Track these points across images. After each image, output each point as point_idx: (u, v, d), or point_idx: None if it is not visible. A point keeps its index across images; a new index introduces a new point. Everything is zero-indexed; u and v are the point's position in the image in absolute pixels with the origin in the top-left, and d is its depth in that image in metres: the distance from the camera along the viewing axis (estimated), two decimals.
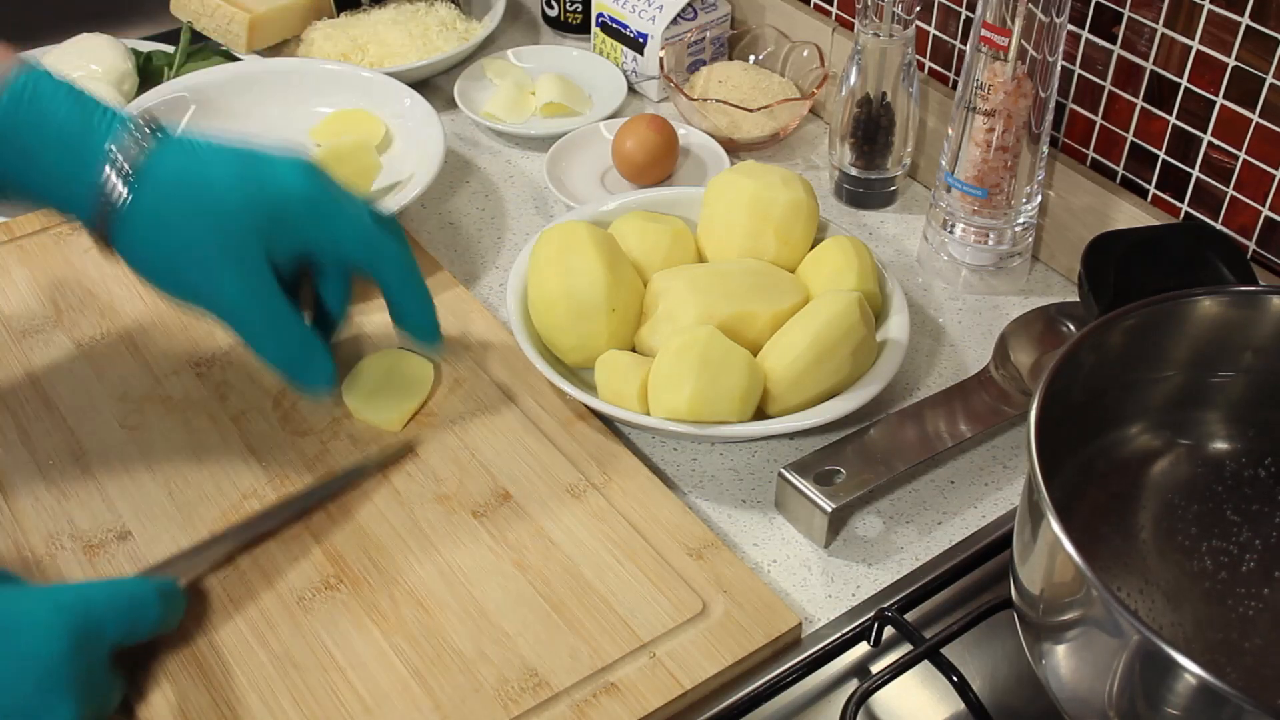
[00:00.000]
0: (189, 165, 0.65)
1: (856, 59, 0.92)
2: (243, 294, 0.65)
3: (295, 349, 0.68)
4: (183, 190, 0.64)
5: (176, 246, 0.64)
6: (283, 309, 0.67)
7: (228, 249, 0.64)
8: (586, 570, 0.68)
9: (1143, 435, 0.66)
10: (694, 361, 0.71)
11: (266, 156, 0.67)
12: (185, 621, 0.65)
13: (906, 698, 0.64)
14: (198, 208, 0.64)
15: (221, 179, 0.65)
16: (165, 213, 0.64)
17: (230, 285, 0.65)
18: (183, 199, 0.64)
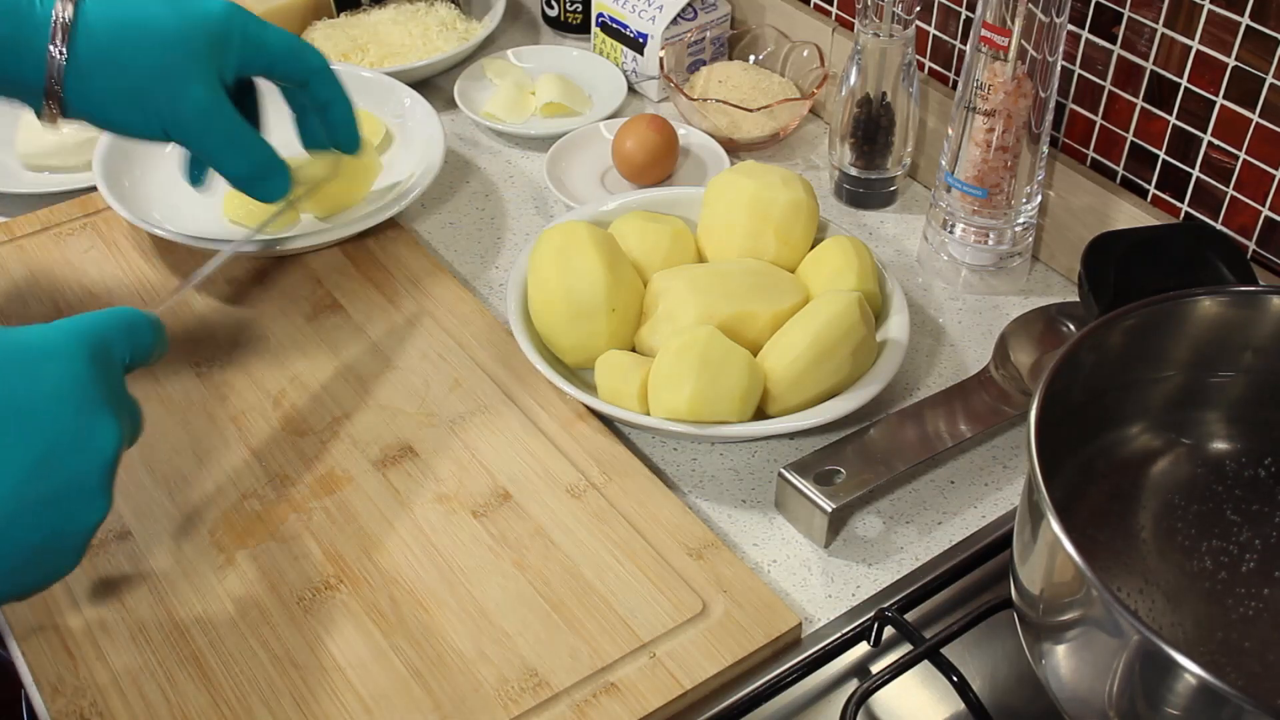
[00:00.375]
0: (120, 10, 0.68)
1: (856, 59, 0.92)
2: (204, 110, 0.70)
3: (256, 158, 0.73)
4: (122, 33, 0.68)
5: (132, 84, 0.68)
6: (240, 122, 0.72)
7: (181, 72, 0.69)
8: (586, 570, 0.68)
9: (1143, 435, 0.66)
10: (694, 361, 0.71)
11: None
12: (185, 622, 0.65)
13: (906, 698, 0.64)
14: (142, 44, 0.68)
15: (155, 14, 0.69)
16: (113, 56, 0.68)
17: (191, 103, 0.69)
18: (125, 40, 0.68)
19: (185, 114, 0.69)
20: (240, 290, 0.87)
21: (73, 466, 0.53)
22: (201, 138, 0.71)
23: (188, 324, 0.84)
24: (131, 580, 0.67)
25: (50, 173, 0.99)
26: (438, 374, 0.80)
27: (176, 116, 0.69)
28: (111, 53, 0.67)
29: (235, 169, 0.73)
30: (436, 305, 0.86)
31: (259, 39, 0.72)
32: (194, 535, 0.70)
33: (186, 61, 0.69)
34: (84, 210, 0.93)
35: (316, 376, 0.80)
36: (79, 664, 0.63)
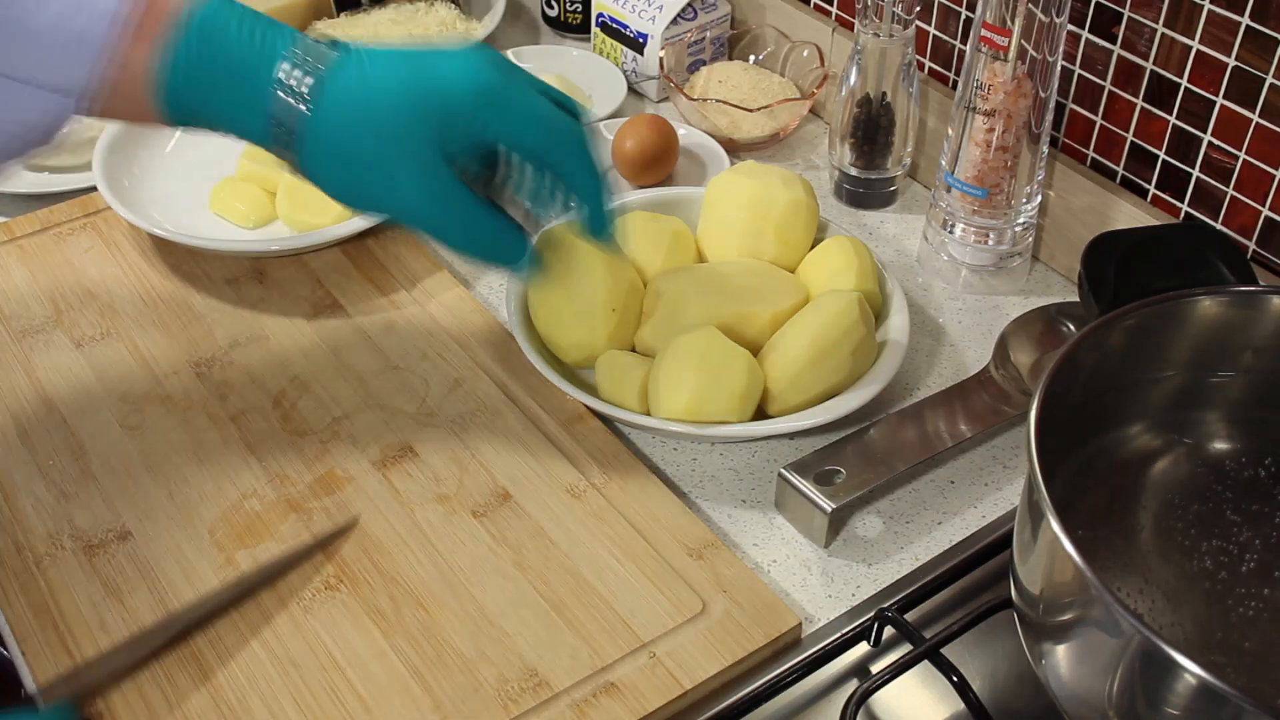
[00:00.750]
0: (359, 77, 0.65)
1: (856, 59, 0.92)
2: (421, 196, 0.65)
3: (482, 237, 0.67)
4: (353, 103, 0.64)
5: (352, 159, 0.64)
6: (463, 202, 0.66)
7: (401, 154, 0.64)
8: (586, 570, 0.68)
9: (1143, 435, 0.66)
10: (694, 362, 0.71)
11: (435, 55, 0.67)
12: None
13: (906, 698, 0.64)
14: (368, 118, 0.64)
15: (390, 86, 0.65)
16: (339, 128, 0.64)
17: (407, 189, 0.65)
18: (354, 112, 0.64)
19: (401, 197, 0.65)
20: (240, 290, 0.87)
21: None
22: (419, 220, 0.66)
23: (188, 323, 0.84)
24: (131, 580, 0.67)
25: (50, 173, 0.99)
26: (438, 374, 0.80)
27: (392, 199, 0.65)
28: (335, 127, 0.64)
29: (460, 247, 0.68)
30: (436, 305, 0.86)
31: (502, 116, 0.66)
32: (194, 535, 0.70)
33: (406, 141, 0.64)
34: (84, 210, 0.93)
35: (316, 376, 0.80)
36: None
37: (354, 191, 0.66)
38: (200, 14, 0.63)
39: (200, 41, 0.62)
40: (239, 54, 0.63)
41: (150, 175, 0.94)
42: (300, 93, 0.63)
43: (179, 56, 0.62)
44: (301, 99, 0.63)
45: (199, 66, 0.62)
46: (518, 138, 0.66)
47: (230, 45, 0.63)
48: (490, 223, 0.67)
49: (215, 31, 0.63)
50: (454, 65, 0.66)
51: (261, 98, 0.63)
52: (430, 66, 0.66)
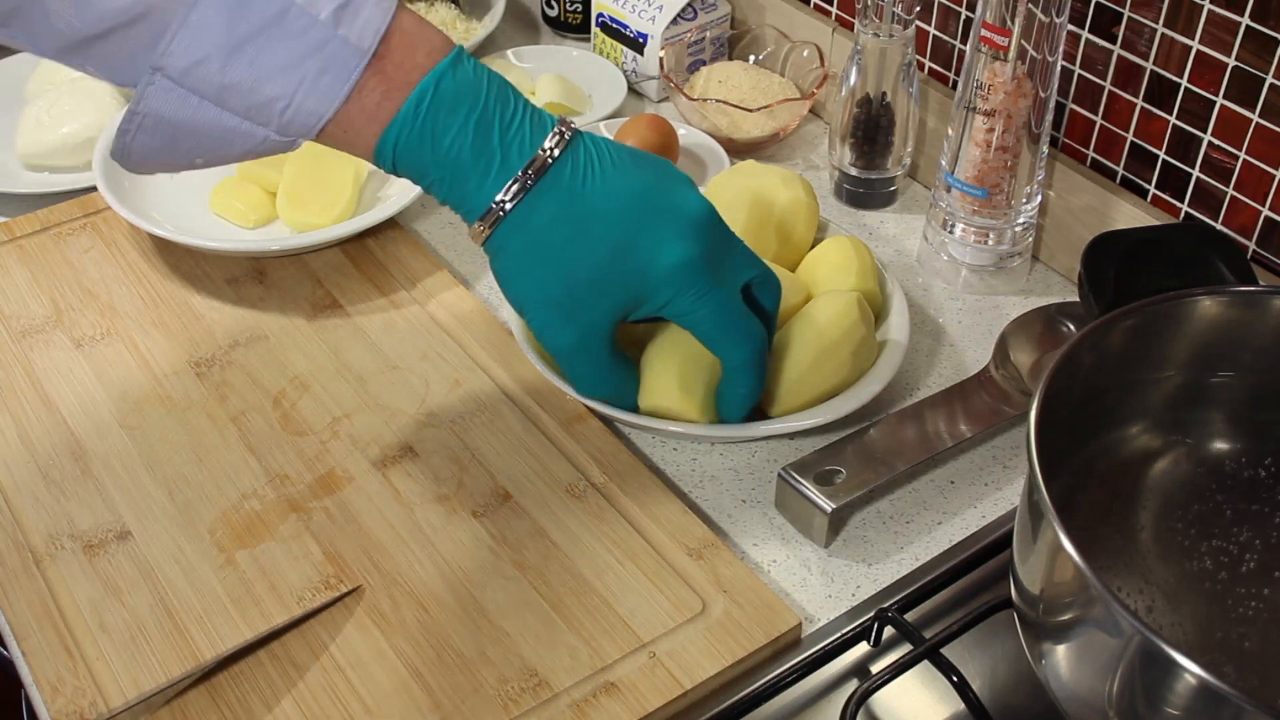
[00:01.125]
0: (577, 201, 0.64)
1: (856, 59, 0.92)
2: (573, 350, 0.68)
3: (604, 390, 0.72)
4: (560, 228, 0.64)
5: (527, 285, 0.66)
6: (608, 365, 0.70)
7: (574, 309, 0.66)
8: (586, 570, 0.68)
9: (1143, 435, 0.66)
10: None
11: (659, 212, 0.65)
12: (185, 621, 0.65)
13: (906, 698, 0.64)
14: (564, 255, 0.64)
15: (602, 230, 0.64)
16: (530, 248, 0.64)
17: (563, 340, 0.68)
18: (552, 242, 0.64)
19: (558, 340, 0.68)
20: (240, 290, 0.87)
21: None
22: (560, 358, 0.70)
23: (187, 323, 0.84)
24: (131, 580, 0.67)
25: (50, 173, 0.99)
26: (438, 374, 0.80)
27: (549, 334, 0.68)
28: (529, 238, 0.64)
29: (586, 392, 0.72)
30: (436, 305, 0.86)
31: (692, 310, 0.67)
32: (194, 535, 0.70)
33: (588, 296, 0.65)
34: (84, 210, 0.93)
35: (316, 376, 0.80)
36: (79, 664, 0.63)
37: (517, 300, 0.67)
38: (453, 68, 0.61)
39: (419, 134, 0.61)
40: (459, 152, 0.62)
41: (150, 175, 0.94)
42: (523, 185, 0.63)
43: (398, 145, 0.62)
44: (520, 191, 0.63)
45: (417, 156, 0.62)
46: (699, 333, 0.69)
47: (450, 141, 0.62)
48: (615, 378, 0.71)
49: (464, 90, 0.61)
50: (674, 237, 0.65)
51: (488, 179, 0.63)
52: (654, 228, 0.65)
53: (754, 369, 0.70)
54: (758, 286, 0.70)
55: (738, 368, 0.70)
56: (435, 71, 0.61)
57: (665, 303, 0.67)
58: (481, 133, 0.62)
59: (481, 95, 0.62)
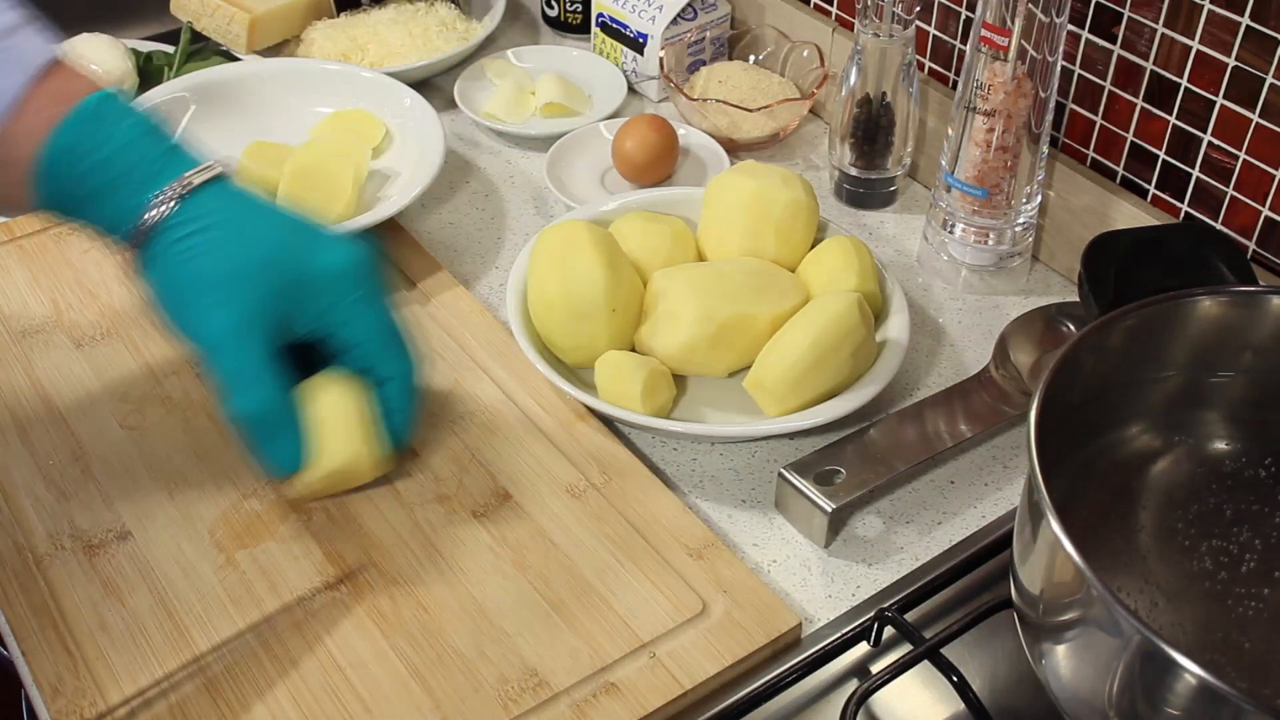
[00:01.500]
0: (234, 208, 0.66)
1: (856, 59, 0.92)
2: (230, 333, 0.64)
3: (265, 408, 0.65)
4: (218, 226, 0.65)
5: (190, 277, 0.64)
6: (269, 367, 0.65)
7: (236, 291, 0.64)
8: (586, 570, 0.68)
9: (1143, 435, 0.66)
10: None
11: (318, 229, 0.68)
12: (185, 621, 0.65)
13: (906, 698, 0.64)
14: (227, 245, 0.65)
15: (263, 229, 0.66)
16: (193, 243, 0.64)
17: (221, 321, 0.64)
18: (215, 234, 0.64)
19: (210, 325, 0.65)
20: None
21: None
22: (211, 359, 0.65)
23: None
24: (131, 580, 0.67)
25: None
26: (438, 374, 0.80)
27: (201, 323, 0.65)
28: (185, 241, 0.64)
29: (237, 406, 0.65)
30: (436, 305, 0.86)
31: (350, 320, 0.67)
32: (194, 535, 0.70)
33: (245, 284, 0.64)
34: None
35: None
36: (79, 664, 0.63)
37: (176, 307, 0.65)
38: (95, 98, 0.63)
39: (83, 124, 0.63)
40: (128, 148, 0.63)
41: None
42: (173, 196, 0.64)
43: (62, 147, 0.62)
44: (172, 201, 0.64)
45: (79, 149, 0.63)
46: (356, 350, 0.68)
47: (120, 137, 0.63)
48: (281, 402, 0.66)
49: (106, 119, 0.63)
50: (330, 250, 0.66)
51: (138, 195, 0.63)
52: (310, 237, 0.67)
53: (413, 385, 0.70)
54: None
55: (399, 381, 0.69)
56: (101, 92, 0.64)
57: (328, 307, 0.66)
58: (152, 137, 0.64)
59: (144, 116, 0.65)
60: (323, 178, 0.90)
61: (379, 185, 0.96)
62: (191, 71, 1.03)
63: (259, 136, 0.96)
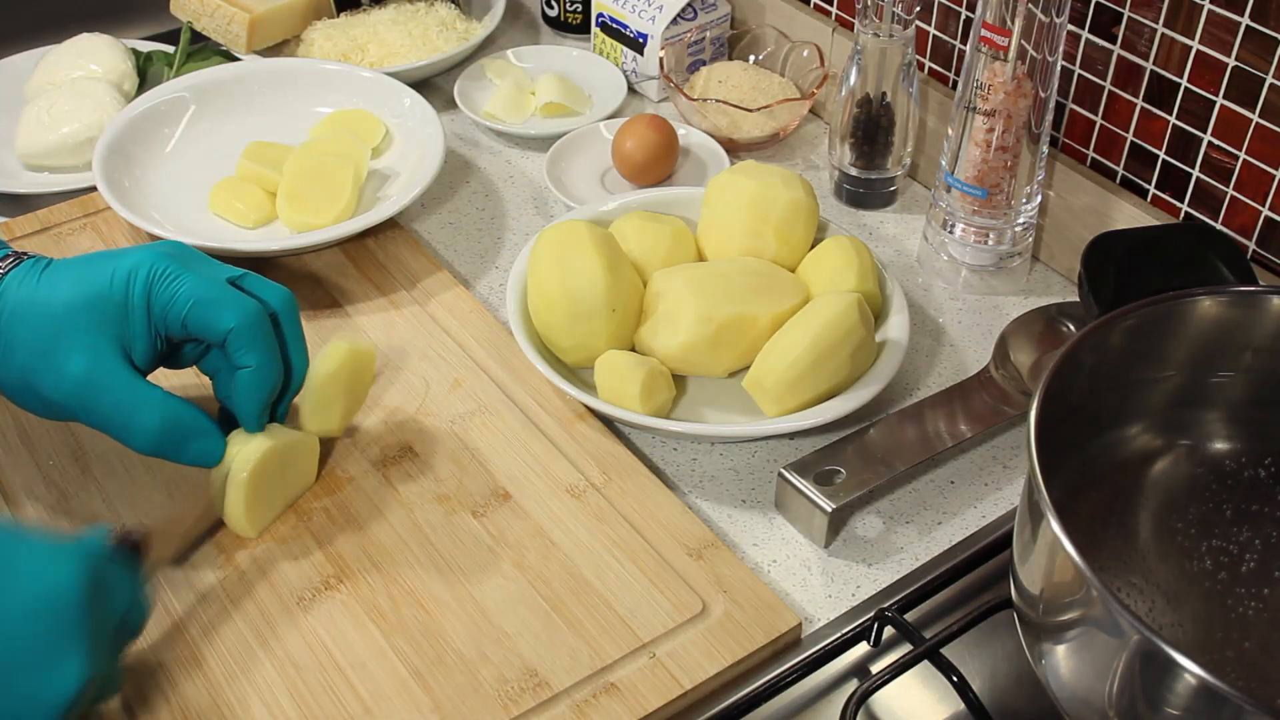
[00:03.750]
0: (36, 283, 0.66)
1: (856, 59, 0.92)
2: (81, 382, 0.64)
3: (160, 423, 0.65)
4: (26, 305, 0.65)
5: (26, 357, 0.65)
6: (134, 387, 0.65)
7: (67, 341, 0.64)
8: (586, 570, 0.68)
9: (1143, 435, 0.66)
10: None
11: (111, 253, 0.68)
12: (185, 622, 0.65)
13: (906, 698, 0.64)
14: (37, 313, 0.65)
15: (60, 284, 0.66)
16: (12, 331, 0.65)
17: (68, 378, 0.64)
18: (26, 312, 0.65)
19: (63, 390, 0.64)
20: None
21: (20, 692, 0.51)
22: (87, 410, 0.65)
23: None
24: None
25: (50, 173, 0.99)
26: (438, 374, 0.80)
27: (57, 393, 0.65)
28: (8, 331, 0.65)
29: (137, 439, 0.65)
30: (436, 305, 0.86)
31: (165, 298, 0.66)
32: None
33: (71, 328, 0.64)
34: (84, 210, 0.93)
35: None
36: None
37: (29, 391, 0.66)
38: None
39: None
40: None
41: (150, 175, 0.94)
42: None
43: None
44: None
45: None
46: (186, 307, 0.66)
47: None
48: (169, 407, 0.66)
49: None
50: (125, 258, 0.66)
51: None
52: (102, 262, 0.66)
53: (258, 341, 0.67)
54: (247, 281, 0.69)
55: (241, 339, 0.66)
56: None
57: (142, 298, 0.66)
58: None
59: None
60: (323, 178, 0.90)
61: (379, 185, 0.96)
62: (191, 71, 1.03)
63: (259, 136, 0.97)
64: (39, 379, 0.65)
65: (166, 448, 0.66)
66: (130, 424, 0.65)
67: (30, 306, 0.65)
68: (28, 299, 0.66)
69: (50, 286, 0.66)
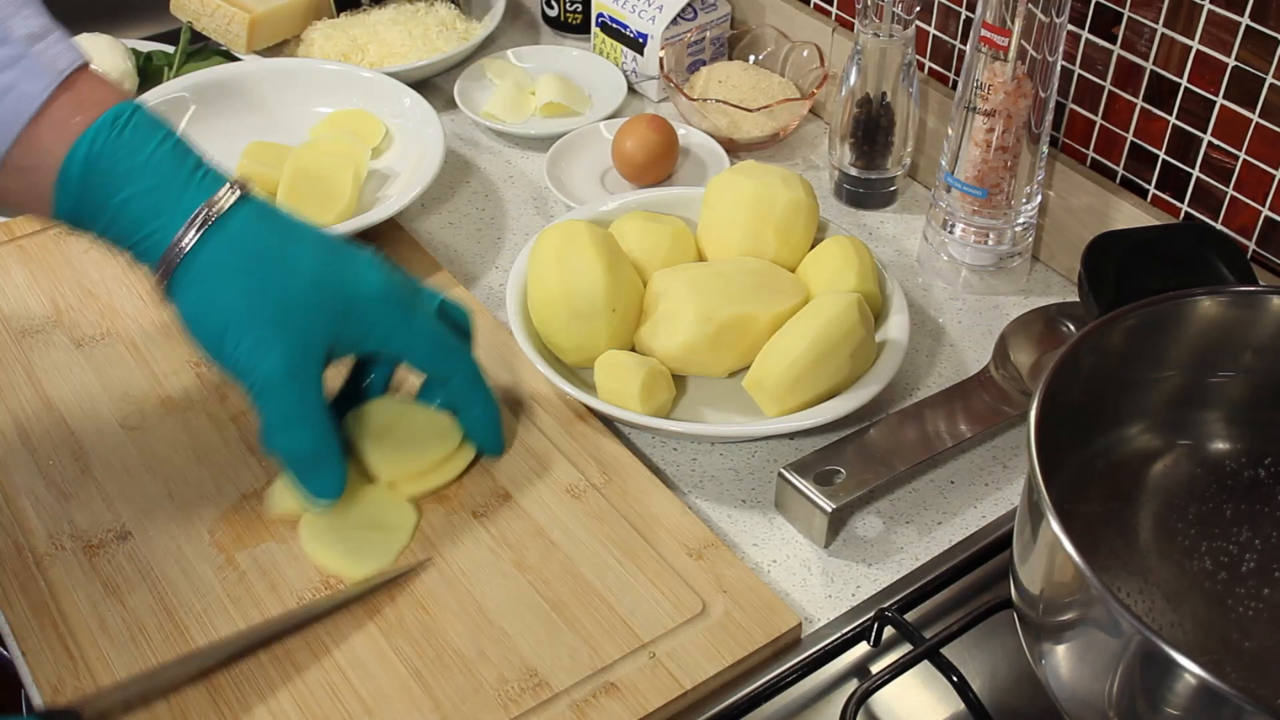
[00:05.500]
0: (270, 232, 0.64)
1: (856, 59, 0.92)
2: (284, 374, 0.63)
3: (313, 447, 0.66)
4: (258, 253, 0.63)
5: (235, 305, 0.63)
6: (318, 403, 0.65)
7: (287, 325, 0.63)
8: (586, 570, 0.68)
9: (1143, 435, 0.66)
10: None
11: (348, 248, 0.67)
12: (185, 621, 0.65)
13: (906, 698, 0.64)
14: (270, 272, 0.63)
15: (302, 254, 0.65)
16: (234, 269, 0.63)
17: (274, 361, 0.63)
18: (257, 261, 0.63)
19: (265, 365, 0.63)
20: None
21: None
22: (267, 397, 0.64)
23: None
24: (131, 580, 0.67)
25: None
26: None
27: (255, 362, 0.63)
28: (229, 266, 0.62)
29: (285, 446, 0.65)
30: None
31: (403, 333, 0.67)
32: (194, 535, 0.70)
33: (300, 316, 0.63)
34: None
35: None
36: (79, 664, 0.63)
37: (219, 337, 0.63)
38: (123, 107, 0.62)
39: (112, 130, 0.61)
40: (160, 160, 0.62)
41: None
42: (205, 220, 0.62)
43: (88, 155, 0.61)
44: (204, 225, 0.62)
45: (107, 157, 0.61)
46: (414, 358, 0.68)
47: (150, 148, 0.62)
48: (327, 438, 0.66)
49: (138, 129, 0.62)
50: (366, 266, 0.66)
51: (169, 212, 0.62)
52: (343, 257, 0.66)
53: (480, 382, 0.71)
54: (449, 308, 0.71)
55: (465, 384, 0.70)
56: (129, 102, 0.63)
57: (372, 325, 0.66)
58: (180, 151, 0.63)
59: (170, 130, 0.64)
60: (323, 178, 0.90)
61: (379, 185, 0.96)
62: (191, 71, 1.03)
63: (259, 136, 0.96)
64: (226, 345, 0.63)
65: (300, 467, 0.66)
66: (281, 431, 0.65)
67: (264, 262, 0.63)
68: (263, 251, 0.63)
69: (295, 255, 0.64)
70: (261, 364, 0.63)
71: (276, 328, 0.63)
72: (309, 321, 0.64)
